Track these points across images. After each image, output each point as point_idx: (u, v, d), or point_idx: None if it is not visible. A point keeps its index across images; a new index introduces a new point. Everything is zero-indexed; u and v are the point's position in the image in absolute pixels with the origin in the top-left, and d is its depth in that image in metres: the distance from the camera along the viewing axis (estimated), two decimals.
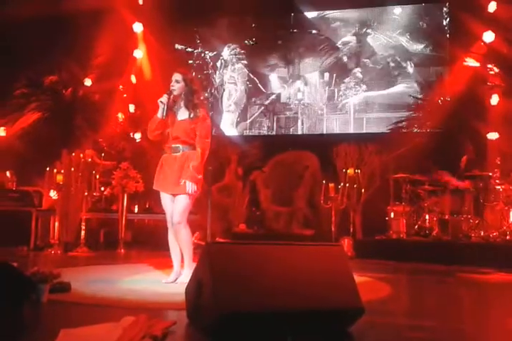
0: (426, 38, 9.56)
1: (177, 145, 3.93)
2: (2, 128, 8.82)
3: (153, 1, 9.54)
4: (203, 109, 4.01)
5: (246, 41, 10.27)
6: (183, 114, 3.99)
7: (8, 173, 7.78)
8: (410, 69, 9.61)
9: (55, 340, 2.11)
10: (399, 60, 9.72)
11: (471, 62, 8.23)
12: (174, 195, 3.91)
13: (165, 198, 3.98)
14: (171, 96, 3.95)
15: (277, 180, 8.68)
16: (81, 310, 3.02)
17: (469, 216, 6.84)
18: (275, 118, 10.41)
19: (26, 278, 2.91)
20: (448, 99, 8.54)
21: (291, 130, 10.28)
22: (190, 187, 3.80)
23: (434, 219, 7.02)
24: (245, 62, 10.52)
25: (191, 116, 3.93)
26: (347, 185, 7.46)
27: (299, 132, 10.17)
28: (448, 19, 9.37)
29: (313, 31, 10.23)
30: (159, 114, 3.89)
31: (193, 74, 4.22)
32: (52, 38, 8.50)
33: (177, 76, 3.97)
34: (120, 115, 9.54)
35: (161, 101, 3.88)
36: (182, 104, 3.99)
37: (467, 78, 8.20)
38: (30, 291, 2.92)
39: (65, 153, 7.01)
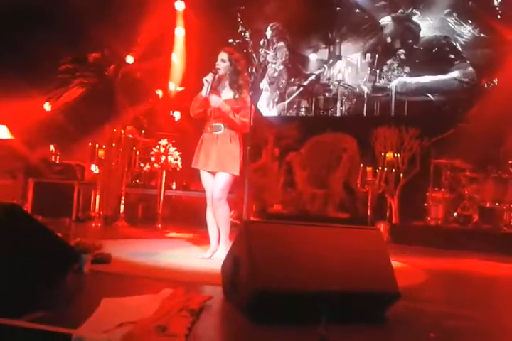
0: (474, 19, 9.15)
1: (219, 124, 3.95)
2: (47, 103, 9.07)
3: None
4: (247, 90, 4.00)
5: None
6: (227, 94, 4.00)
7: (52, 147, 8.02)
8: (457, 51, 9.26)
9: (96, 308, 2.19)
10: (445, 41, 9.37)
11: None
12: (215, 173, 3.96)
13: (205, 176, 4.03)
14: (216, 76, 3.94)
15: (314, 162, 8.61)
16: (121, 280, 3.12)
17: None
18: (314, 99, 10.26)
19: (70, 248, 3.02)
20: (495, 82, 8.21)
21: (329, 111, 10.15)
22: (216, 100, 3.86)
23: (475, 207, 6.85)
24: (286, 41, 10.37)
25: (236, 96, 3.95)
26: (385, 169, 7.34)
27: (338, 114, 10.02)
28: None
29: (357, 10, 9.96)
30: (203, 92, 3.90)
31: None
32: (96, 15, 8.61)
33: (223, 55, 3.96)
34: (159, 92, 9.63)
35: (206, 80, 3.88)
36: (226, 83, 4.00)
37: None
38: (73, 261, 3.04)
39: (106, 129, 7.18)
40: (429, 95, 9.22)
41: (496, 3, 8.95)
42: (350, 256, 2.53)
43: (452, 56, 9.21)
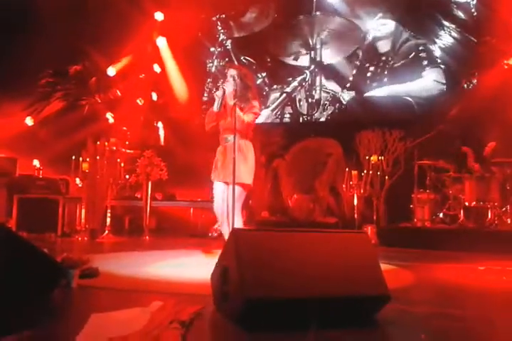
0: (453, 21, 9.28)
1: (227, 135, 4.09)
2: (29, 117, 8.99)
3: None
4: (256, 101, 4.13)
5: None
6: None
7: (35, 161, 7.93)
8: (436, 53, 9.38)
9: (85, 324, 2.16)
10: (426, 44, 9.48)
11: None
12: (228, 183, 3.98)
13: (218, 186, 4.11)
14: (226, 90, 4.04)
15: (300, 168, 8.65)
16: (110, 294, 3.09)
17: (495, 203, 6.73)
18: (297, 106, 10.31)
19: (57, 264, 2.98)
20: (474, 83, 8.34)
21: (313, 117, 10.20)
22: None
23: (460, 206, 6.93)
24: (267, 48, 10.42)
25: (242, 106, 4.06)
26: (370, 172, 7.40)
27: (322, 119, 10.08)
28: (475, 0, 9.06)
29: (337, 16, 10.05)
30: (215, 107, 4.05)
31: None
32: (77, 28, 8.59)
33: (232, 72, 4.14)
34: (140, 101, 9.60)
35: (217, 95, 4.04)
36: (236, 97, 4.07)
37: (497, 62, 7.98)
38: (60, 277, 3.00)
39: (89, 142, 7.12)
40: (408, 98, 9.30)
41: (471, 5, 9.09)
42: (338, 260, 2.54)
43: (424, 57, 9.33)
